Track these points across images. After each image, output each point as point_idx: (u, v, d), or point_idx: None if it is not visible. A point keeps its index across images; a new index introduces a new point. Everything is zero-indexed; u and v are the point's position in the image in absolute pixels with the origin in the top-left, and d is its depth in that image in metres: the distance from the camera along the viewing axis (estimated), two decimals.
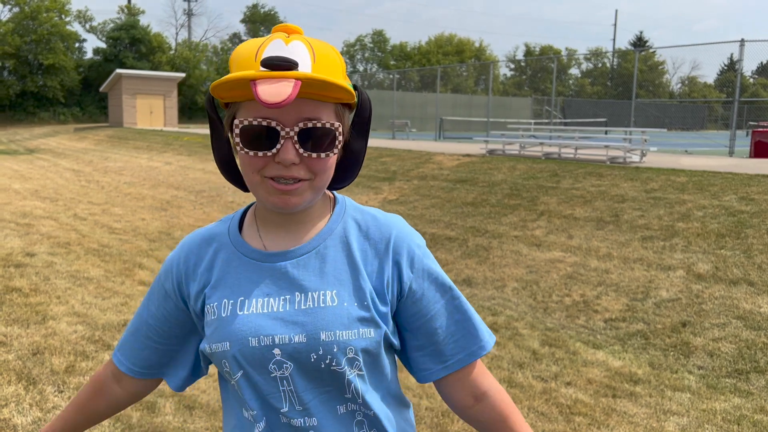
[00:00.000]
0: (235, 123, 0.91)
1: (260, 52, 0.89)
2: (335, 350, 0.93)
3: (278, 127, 0.89)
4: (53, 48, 41.96)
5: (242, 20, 63.40)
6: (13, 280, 5.53)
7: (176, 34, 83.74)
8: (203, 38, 64.65)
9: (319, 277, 0.97)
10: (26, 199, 10.57)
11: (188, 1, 62.81)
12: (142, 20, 50.05)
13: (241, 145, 0.91)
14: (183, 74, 39.53)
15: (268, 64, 0.86)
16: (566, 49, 68.11)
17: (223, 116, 0.98)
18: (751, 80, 51.46)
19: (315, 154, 0.91)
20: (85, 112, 44.03)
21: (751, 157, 13.40)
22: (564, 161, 10.90)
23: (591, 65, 64.14)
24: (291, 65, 0.86)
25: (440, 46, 61.55)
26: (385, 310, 0.98)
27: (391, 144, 16.50)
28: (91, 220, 8.89)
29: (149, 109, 35.32)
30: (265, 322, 0.95)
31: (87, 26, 50.97)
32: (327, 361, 0.94)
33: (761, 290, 5.08)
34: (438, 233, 7.71)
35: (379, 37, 65.42)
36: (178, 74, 38.27)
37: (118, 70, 35.57)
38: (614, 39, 66.98)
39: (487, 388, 1.04)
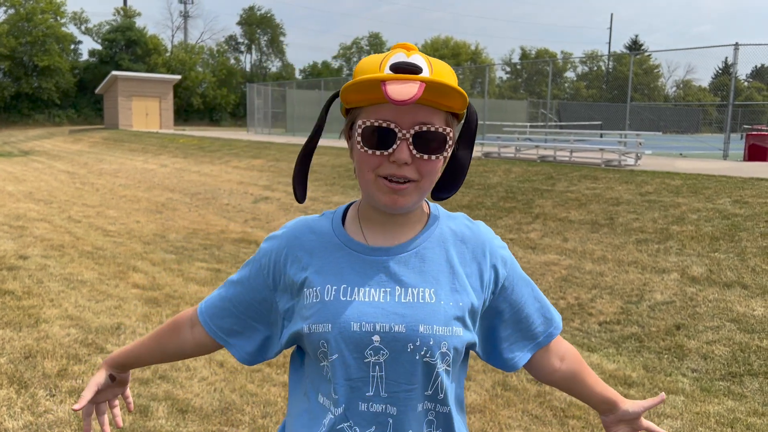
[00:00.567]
0: (358, 124, 1.01)
1: (385, 61, 1.00)
2: (431, 343, 1.02)
3: (396, 129, 0.99)
4: (48, 50, 41.88)
5: (238, 23, 63.40)
6: (5, 282, 5.50)
7: (172, 36, 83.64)
8: (199, 40, 64.59)
9: (418, 275, 1.06)
10: (20, 202, 10.54)
11: (184, 3, 62.86)
12: (138, 22, 50.12)
13: (362, 144, 1.00)
14: (179, 76, 39.51)
15: (396, 68, 0.97)
16: (562, 52, 68.29)
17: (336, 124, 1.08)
18: (746, 84, 51.73)
19: (426, 156, 1.00)
20: (81, 114, 43.95)
21: (745, 160, 13.47)
22: (559, 164, 10.92)
23: (586, 68, 64.35)
24: (416, 69, 0.97)
25: (436, 49, 61.63)
26: (477, 310, 1.09)
27: None
28: (85, 222, 8.86)
29: (145, 111, 35.28)
30: (368, 309, 1.03)
31: (83, 28, 50.99)
32: (422, 353, 1.02)
33: (755, 293, 5.10)
34: None
35: (375, 39, 65.56)
36: (174, 76, 38.27)
37: (113, 72, 35.56)
38: (610, 43, 67.05)
39: (566, 347, 1.23)
